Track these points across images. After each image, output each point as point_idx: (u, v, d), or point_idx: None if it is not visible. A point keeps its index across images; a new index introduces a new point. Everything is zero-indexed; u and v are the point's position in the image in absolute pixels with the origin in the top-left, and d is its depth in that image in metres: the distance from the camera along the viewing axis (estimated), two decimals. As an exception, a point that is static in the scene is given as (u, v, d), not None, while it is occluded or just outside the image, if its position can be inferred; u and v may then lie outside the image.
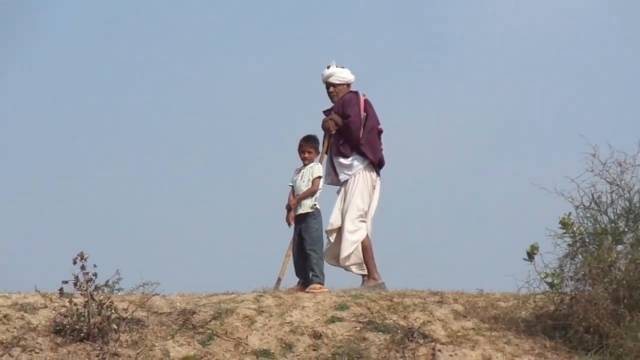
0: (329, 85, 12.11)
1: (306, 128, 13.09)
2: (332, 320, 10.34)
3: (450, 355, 10.08)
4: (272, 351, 9.97)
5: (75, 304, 9.82)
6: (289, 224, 11.54)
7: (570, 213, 10.64)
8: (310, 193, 11.31)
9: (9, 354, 9.83)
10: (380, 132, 12.16)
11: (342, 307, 10.68)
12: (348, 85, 12.05)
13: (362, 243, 11.69)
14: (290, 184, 11.68)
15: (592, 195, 10.41)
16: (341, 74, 11.98)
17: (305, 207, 11.35)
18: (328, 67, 12.11)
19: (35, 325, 10.19)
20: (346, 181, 11.71)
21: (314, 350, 9.97)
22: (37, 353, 9.87)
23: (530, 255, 10.48)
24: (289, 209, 11.46)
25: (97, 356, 9.64)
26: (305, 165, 11.55)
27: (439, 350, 10.04)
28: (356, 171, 11.68)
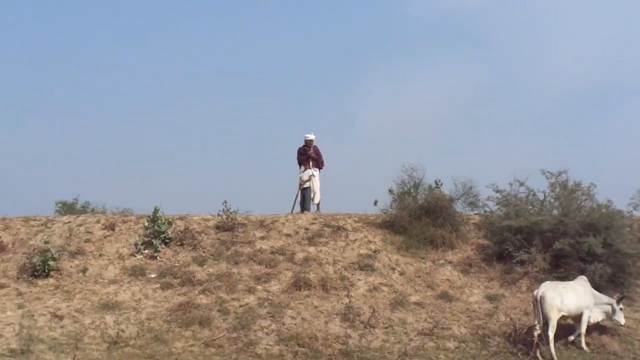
0: (310, 141, 15.75)
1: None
2: (312, 224, 14.63)
3: (354, 235, 14.38)
4: (290, 233, 14.23)
5: (223, 218, 14.20)
6: (300, 189, 15.62)
7: (391, 187, 14.91)
8: (306, 181, 15.59)
9: (199, 238, 14.07)
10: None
11: (316, 219, 14.92)
12: (314, 141, 15.78)
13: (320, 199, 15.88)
14: (299, 175, 15.83)
15: (402, 180, 14.87)
16: (315, 138, 15.93)
17: (305, 185, 15.63)
18: (311, 134, 15.96)
19: (209, 226, 14.65)
20: (314, 175, 15.76)
21: (305, 234, 14.21)
22: (209, 235, 14.28)
23: (375, 203, 14.75)
24: (300, 185, 15.67)
25: (229, 236, 14.09)
26: (305, 169, 15.64)
27: (349, 233, 14.24)
28: (318, 172, 15.78)
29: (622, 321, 11.50)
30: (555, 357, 10.86)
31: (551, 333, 10.92)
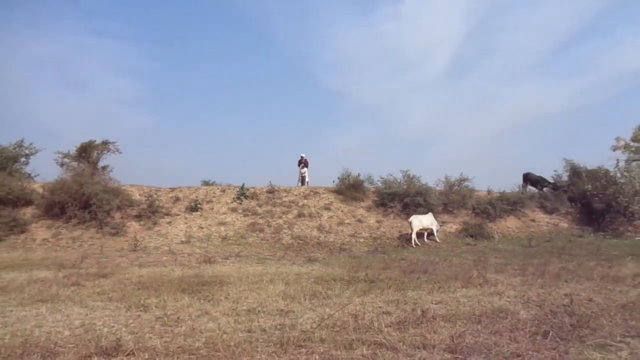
0: (302, 157, 16.59)
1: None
2: (305, 191, 15.97)
3: (322, 196, 15.64)
4: (297, 194, 15.51)
5: (269, 188, 14.90)
6: (300, 176, 16.34)
7: (339, 175, 15.83)
8: (303, 173, 16.53)
9: (259, 196, 14.93)
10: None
11: (307, 189, 16.15)
12: (304, 156, 16.35)
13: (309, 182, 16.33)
14: (299, 170, 16.76)
15: (343, 173, 16.10)
16: (305, 155, 16.90)
17: (302, 174, 16.64)
18: (303, 153, 17.08)
19: (263, 191, 15.37)
20: (305, 171, 16.70)
21: (303, 195, 15.51)
22: (263, 195, 15.01)
23: (334, 182, 15.86)
24: (299, 174, 16.67)
25: (272, 195, 15.02)
26: (302, 168, 16.49)
27: (321, 194, 15.48)
28: (307, 169, 16.76)
29: (439, 229, 13.40)
30: (414, 245, 12.73)
31: (414, 235, 12.85)
